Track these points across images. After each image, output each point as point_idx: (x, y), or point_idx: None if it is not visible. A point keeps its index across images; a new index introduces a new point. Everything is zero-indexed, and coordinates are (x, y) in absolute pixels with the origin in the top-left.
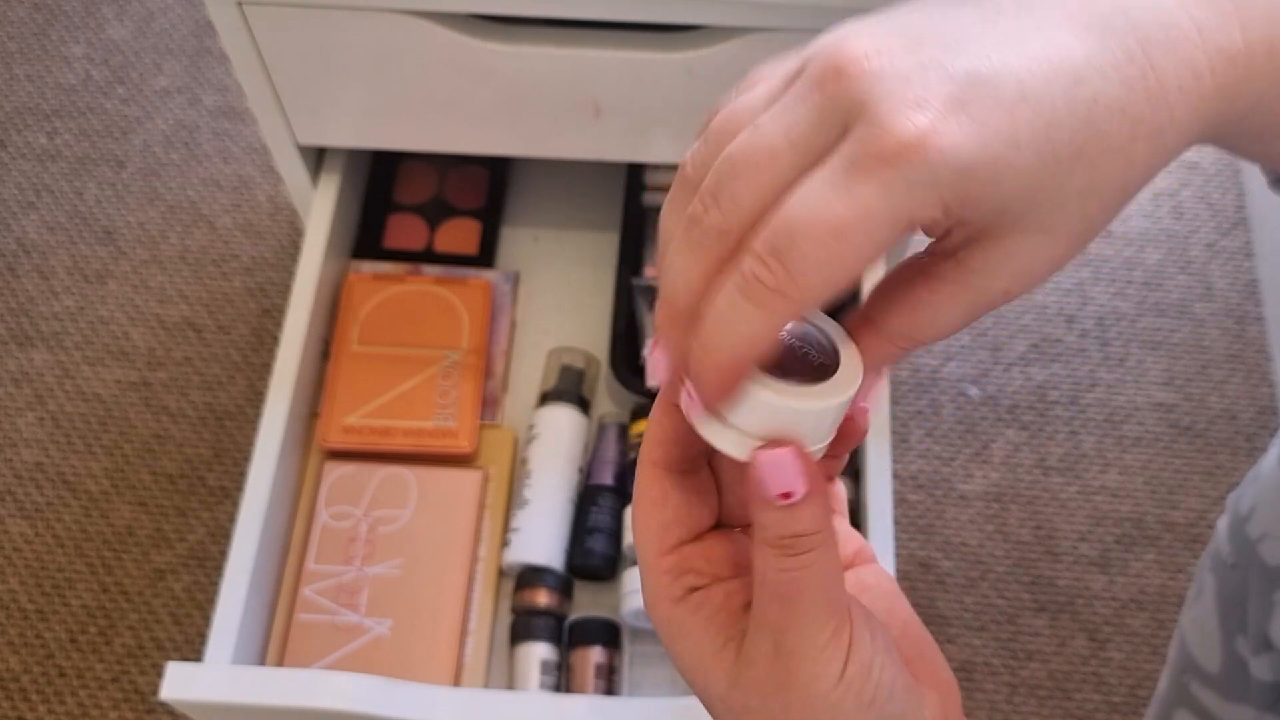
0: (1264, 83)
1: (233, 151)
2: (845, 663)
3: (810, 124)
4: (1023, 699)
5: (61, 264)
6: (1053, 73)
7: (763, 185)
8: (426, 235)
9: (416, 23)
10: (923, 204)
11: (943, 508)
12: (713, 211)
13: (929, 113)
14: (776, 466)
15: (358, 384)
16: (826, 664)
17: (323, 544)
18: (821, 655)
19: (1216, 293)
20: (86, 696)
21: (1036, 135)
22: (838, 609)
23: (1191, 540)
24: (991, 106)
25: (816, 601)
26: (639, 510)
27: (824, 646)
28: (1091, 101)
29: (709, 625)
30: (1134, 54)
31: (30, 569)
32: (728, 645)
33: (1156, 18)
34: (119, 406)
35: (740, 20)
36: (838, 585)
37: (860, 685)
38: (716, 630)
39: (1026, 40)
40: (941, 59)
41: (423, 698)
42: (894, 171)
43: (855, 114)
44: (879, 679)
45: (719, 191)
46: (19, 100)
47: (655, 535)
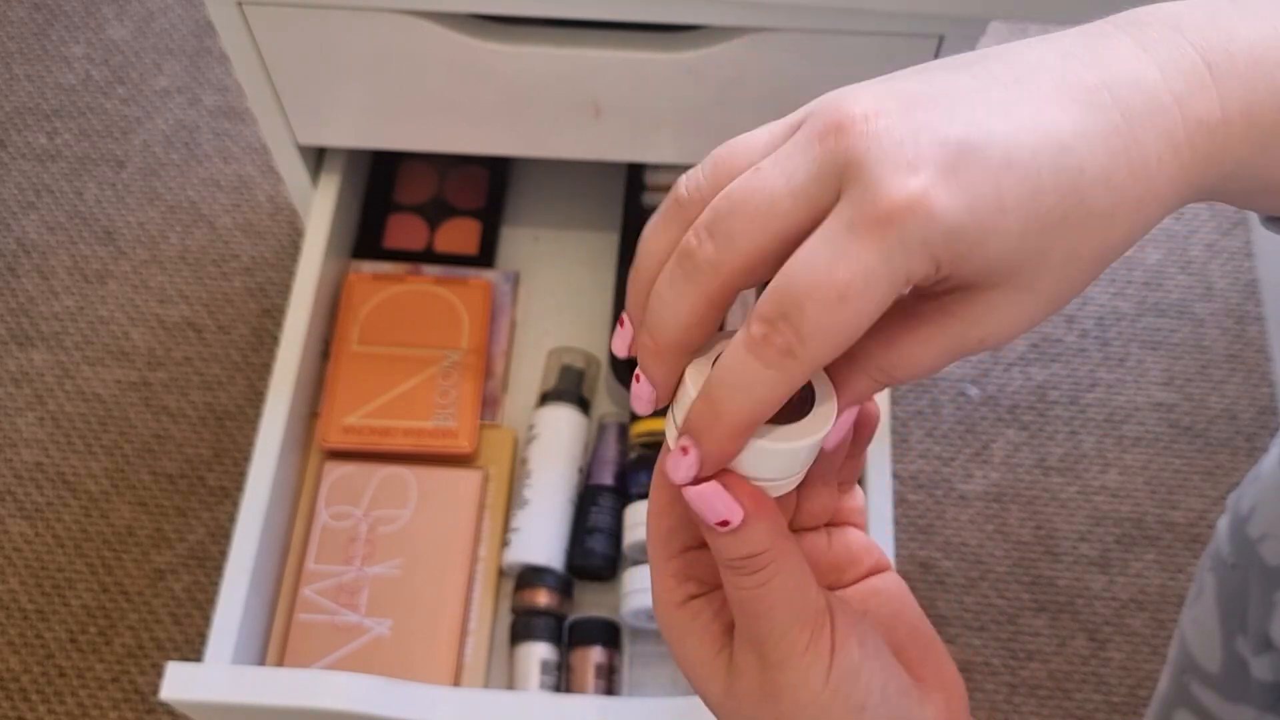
0: (1243, 149)
1: (233, 151)
2: (829, 668)
3: (809, 175)
4: (1023, 699)
5: (61, 264)
6: (1040, 142)
7: (758, 228)
8: (426, 235)
9: (416, 23)
10: (918, 262)
11: (943, 508)
12: (706, 246)
13: (921, 176)
14: (703, 499)
15: (358, 384)
16: (808, 670)
17: (323, 544)
18: (803, 662)
19: (1216, 292)
20: (86, 696)
21: (1022, 201)
22: (810, 617)
23: (1191, 540)
24: (980, 172)
25: (785, 614)
26: (649, 514)
27: (803, 652)
28: (1077, 171)
29: (705, 633)
30: (1119, 127)
31: (30, 569)
32: (721, 653)
33: (1140, 92)
34: (119, 406)
35: (740, 20)
36: (804, 595)
37: (848, 689)
38: (711, 638)
39: (1017, 109)
40: (935, 124)
41: (423, 698)
42: (889, 233)
43: (851, 172)
44: (868, 683)
45: (715, 228)
46: (19, 100)
47: (662, 540)
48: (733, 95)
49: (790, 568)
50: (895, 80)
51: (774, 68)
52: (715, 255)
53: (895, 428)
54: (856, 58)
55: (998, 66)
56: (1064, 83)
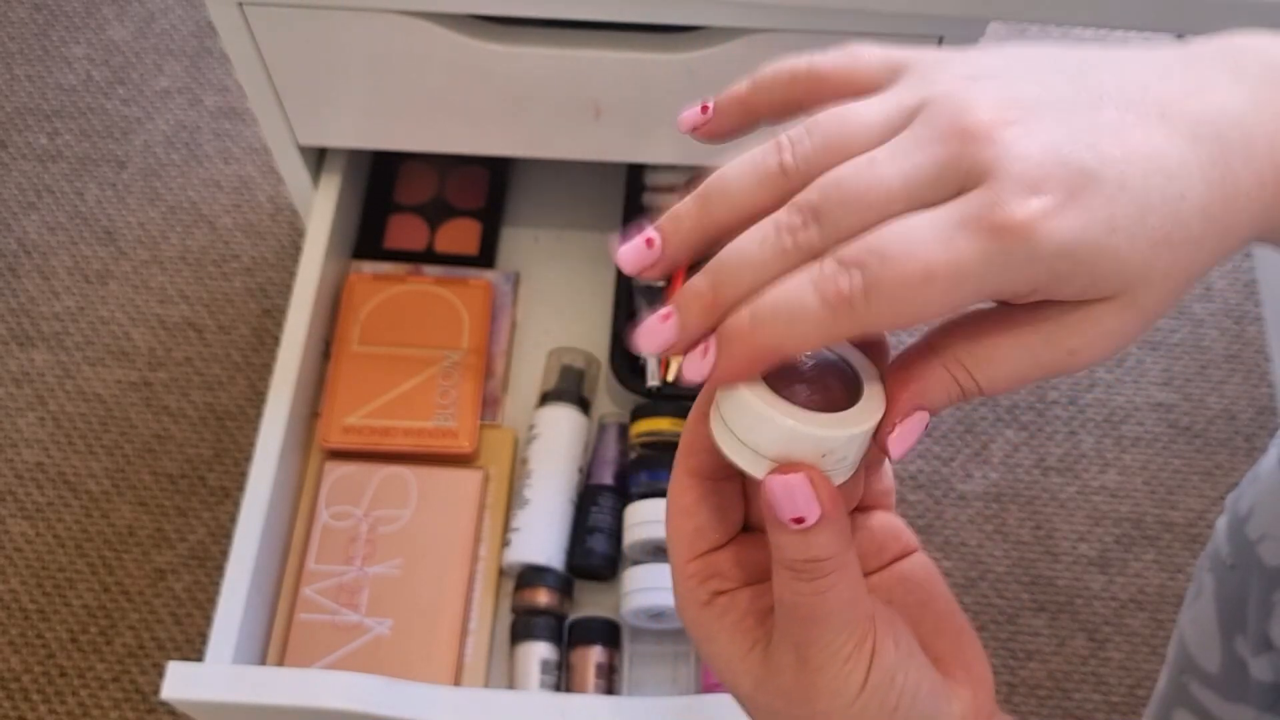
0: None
1: (233, 152)
2: (868, 673)
3: (929, 177)
4: (1022, 698)
5: (62, 264)
6: (1150, 168)
7: (869, 225)
8: (427, 235)
9: (417, 24)
10: (1014, 280)
11: (942, 508)
12: (811, 229)
13: (1045, 199)
14: (787, 491)
15: (358, 384)
16: (849, 676)
17: (323, 544)
18: (844, 668)
19: (1215, 292)
20: (87, 696)
21: (1131, 222)
22: (859, 624)
23: (1190, 540)
24: (1097, 197)
25: (836, 621)
26: (670, 516)
27: (846, 659)
28: (1179, 198)
29: (735, 630)
30: (1217, 159)
31: (31, 569)
32: (754, 648)
33: (1238, 128)
34: (120, 407)
35: (740, 21)
36: (857, 604)
37: (884, 693)
38: (743, 635)
39: (1129, 134)
40: (1059, 142)
41: (423, 697)
42: (999, 244)
43: (976, 179)
44: (902, 685)
45: (823, 215)
46: (20, 101)
47: (685, 541)
48: None
49: (851, 576)
50: (1012, 80)
51: None
52: (819, 242)
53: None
54: None
55: (1108, 79)
56: (1170, 110)
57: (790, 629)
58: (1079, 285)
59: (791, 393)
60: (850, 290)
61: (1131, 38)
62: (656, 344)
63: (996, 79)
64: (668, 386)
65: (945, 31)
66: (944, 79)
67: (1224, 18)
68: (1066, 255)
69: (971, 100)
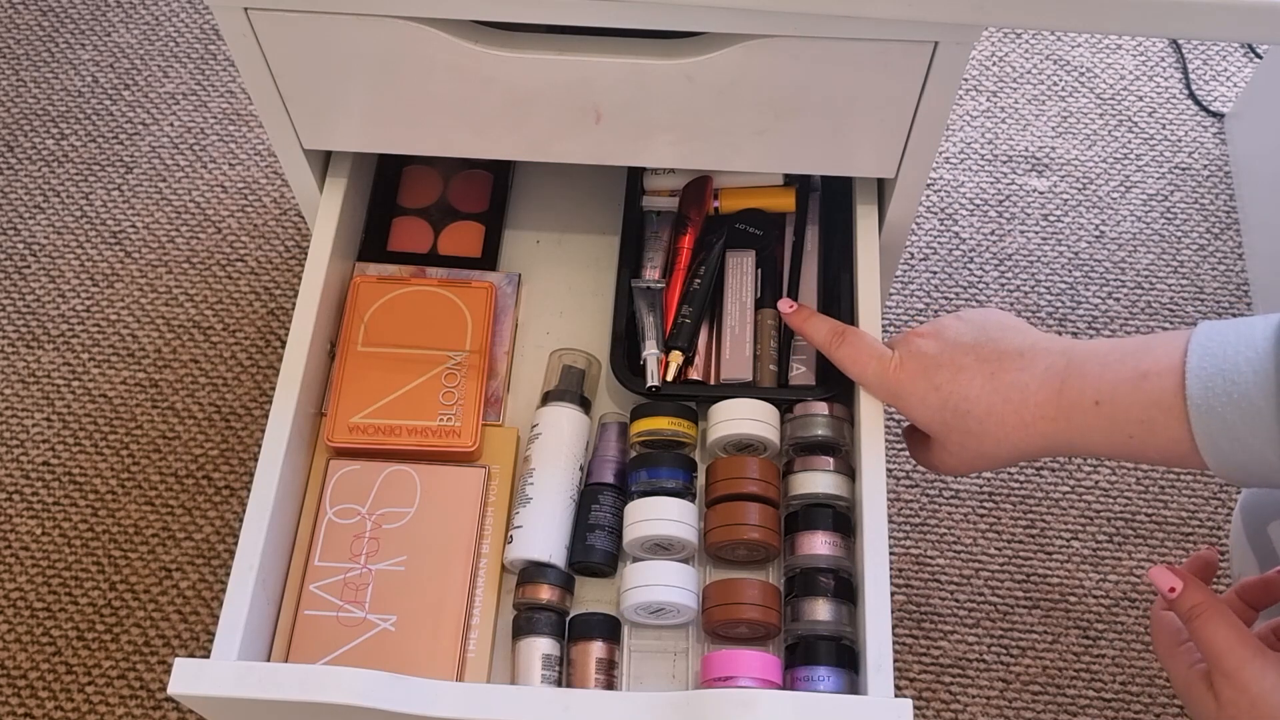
0: (1065, 435)
1: (239, 156)
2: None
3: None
4: (1016, 693)
5: (70, 266)
6: (958, 392)
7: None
8: (430, 238)
9: (420, 29)
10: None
11: (937, 505)
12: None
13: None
14: (1158, 576)
15: (363, 384)
16: (1262, 676)
17: (328, 541)
18: (1254, 666)
19: (1208, 294)
20: (94, 692)
21: (934, 408)
22: (1246, 638)
23: (1183, 538)
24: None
25: (1225, 637)
26: (1163, 642)
27: (1251, 660)
28: (968, 402)
29: (1199, 679)
30: (1002, 401)
31: (39, 567)
32: (1209, 690)
33: (1023, 393)
34: (127, 406)
35: (739, 28)
36: (1236, 626)
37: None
38: (1199, 676)
39: (971, 382)
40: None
41: (427, 692)
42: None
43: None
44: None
45: None
46: (27, 104)
47: (1171, 639)
48: (732, 100)
49: (1218, 612)
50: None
51: (772, 73)
52: None
53: (890, 427)
54: (853, 64)
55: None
56: (997, 380)
57: (1208, 659)
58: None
59: None
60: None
61: (1124, 44)
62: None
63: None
64: (667, 386)
65: (940, 38)
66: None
67: (1217, 22)
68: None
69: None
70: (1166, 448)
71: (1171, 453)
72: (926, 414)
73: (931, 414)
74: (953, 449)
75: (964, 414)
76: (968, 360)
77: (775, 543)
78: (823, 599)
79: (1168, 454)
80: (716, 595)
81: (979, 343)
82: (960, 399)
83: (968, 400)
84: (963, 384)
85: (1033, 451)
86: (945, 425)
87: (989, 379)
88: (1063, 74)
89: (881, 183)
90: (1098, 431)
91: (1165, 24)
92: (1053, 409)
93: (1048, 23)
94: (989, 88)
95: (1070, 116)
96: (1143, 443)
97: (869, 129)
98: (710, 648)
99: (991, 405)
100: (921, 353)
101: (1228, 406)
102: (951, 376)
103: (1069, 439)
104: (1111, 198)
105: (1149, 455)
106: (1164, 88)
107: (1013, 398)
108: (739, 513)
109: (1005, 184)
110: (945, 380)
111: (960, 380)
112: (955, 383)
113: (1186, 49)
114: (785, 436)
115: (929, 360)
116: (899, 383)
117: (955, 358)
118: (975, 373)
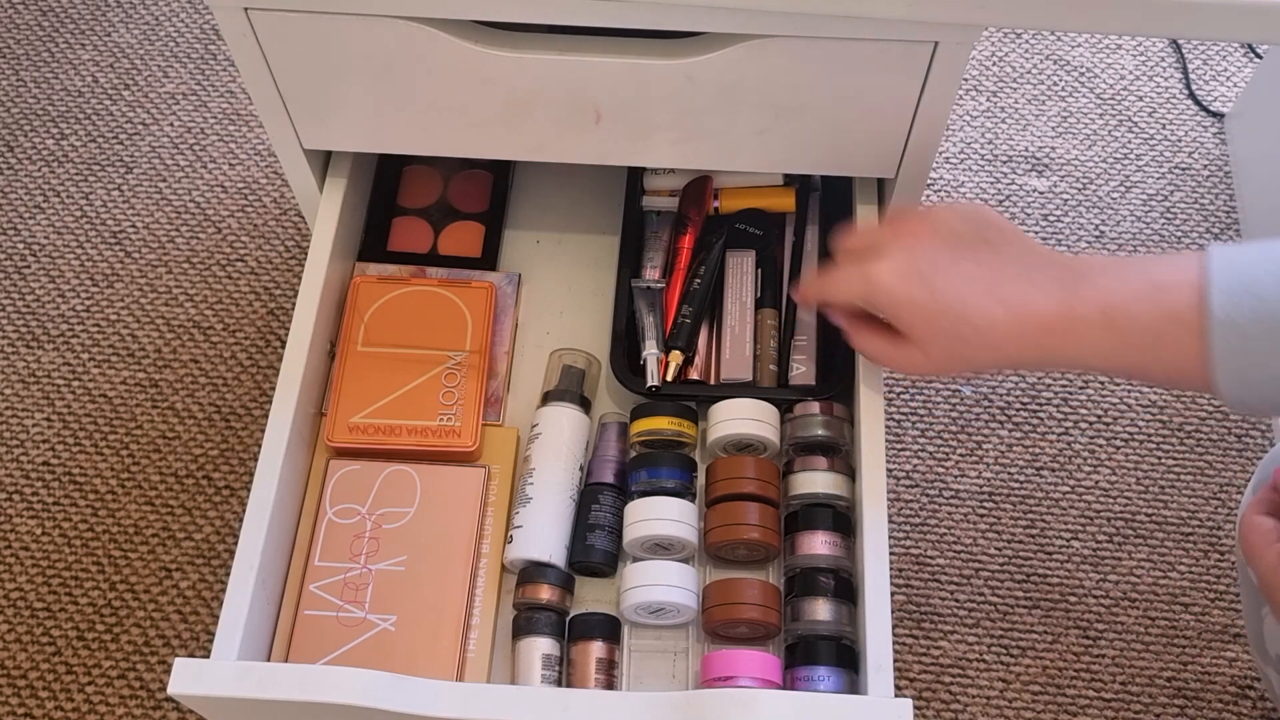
0: (1073, 347)
1: (239, 156)
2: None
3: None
4: (1016, 693)
5: (70, 266)
6: (960, 294)
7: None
8: (430, 238)
9: (420, 29)
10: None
11: (937, 505)
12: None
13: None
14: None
15: (363, 384)
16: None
17: (328, 541)
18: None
19: None
20: (94, 692)
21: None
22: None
23: (1183, 538)
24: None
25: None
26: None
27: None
28: (962, 303)
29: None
30: (994, 302)
31: (39, 567)
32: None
33: (1026, 302)
34: (127, 406)
35: (739, 28)
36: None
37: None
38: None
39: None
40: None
41: (427, 691)
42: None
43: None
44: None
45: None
46: (27, 104)
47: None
48: (731, 100)
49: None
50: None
51: (772, 73)
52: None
53: (890, 427)
54: (853, 64)
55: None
56: (995, 287)
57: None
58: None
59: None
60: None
61: (1124, 44)
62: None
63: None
64: (667, 386)
65: (941, 38)
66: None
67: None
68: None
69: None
70: (1174, 365)
71: (1176, 371)
72: (919, 317)
73: (924, 317)
74: (935, 352)
75: (959, 319)
76: (967, 261)
77: (775, 543)
78: (823, 599)
79: (1172, 372)
80: (716, 595)
81: (977, 245)
82: (957, 303)
83: (965, 305)
84: (961, 288)
85: (1026, 362)
86: (936, 329)
87: (991, 285)
88: (1063, 74)
89: (881, 183)
90: (1103, 345)
91: (1165, 24)
92: (1057, 321)
93: (1048, 23)
94: (989, 88)
95: (1070, 116)
96: (1149, 359)
97: (869, 129)
98: (710, 648)
99: (990, 313)
100: (915, 252)
101: (1252, 322)
102: (949, 278)
103: (1069, 353)
104: (1111, 198)
105: (1152, 374)
106: (1164, 88)
107: (1017, 307)
108: (739, 513)
109: (1005, 184)
110: (942, 281)
111: (959, 283)
112: (953, 285)
113: (1186, 49)
114: (785, 436)
115: (925, 262)
116: (891, 285)
117: (954, 256)
118: (976, 276)
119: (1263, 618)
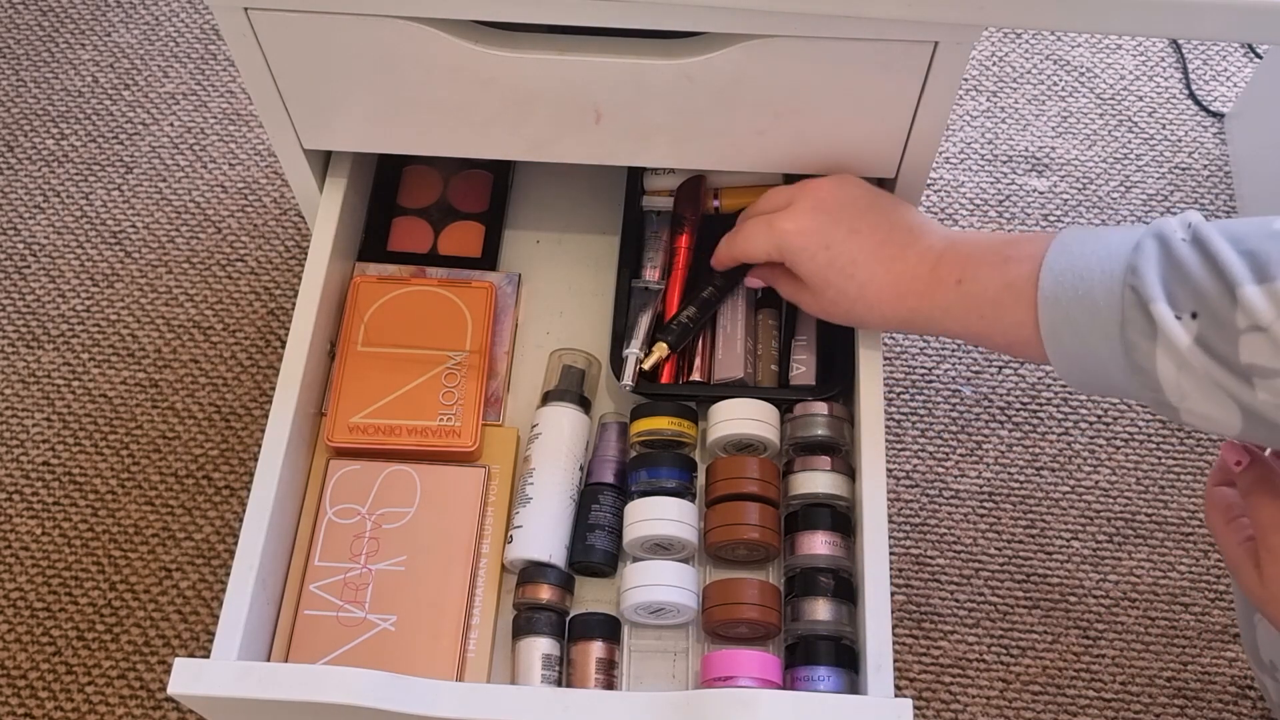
0: (934, 312)
1: (239, 156)
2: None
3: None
4: (1016, 693)
5: (70, 266)
6: (853, 255)
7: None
8: (430, 238)
9: (420, 29)
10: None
11: (937, 505)
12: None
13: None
14: (1228, 450)
15: (363, 384)
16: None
17: (328, 541)
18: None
19: None
20: (94, 692)
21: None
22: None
23: (1183, 538)
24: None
25: (1273, 518)
26: (1214, 506)
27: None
28: (852, 263)
29: (1247, 554)
30: (886, 266)
31: (39, 567)
32: (1256, 565)
33: (913, 264)
34: (127, 406)
35: (739, 28)
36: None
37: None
38: (1246, 553)
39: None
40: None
41: (427, 692)
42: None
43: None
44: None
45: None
46: (27, 104)
47: (1222, 514)
48: (731, 100)
49: (1274, 487)
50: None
51: (772, 73)
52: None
53: (890, 427)
54: (853, 64)
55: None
56: (880, 248)
57: (1258, 535)
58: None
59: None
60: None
61: (1124, 44)
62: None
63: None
64: (652, 385)
65: (941, 38)
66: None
67: (1217, 22)
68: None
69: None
70: (1011, 331)
71: (1015, 337)
72: (815, 270)
73: (818, 270)
74: (825, 303)
75: (848, 275)
76: (862, 225)
77: (775, 542)
78: (823, 599)
79: (1012, 338)
80: (716, 595)
81: (873, 209)
82: (848, 261)
83: (854, 264)
84: (852, 247)
85: (897, 323)
86: (827, 282)
87: (877, 247)
88: (1063, 74)
89: (881, 182)
90: (955, 308)
91: (1165, 24)
92: (922, 284)
93: (1048, 23)
94: (989, 88)
95: (1070, 116)
96: (991, 323)
97: (869, 129)
98: (710, 648)
99: (874, 272)
100: (818, 212)
101: (1072, 302)
102: (844, 237)
103: (929, 316)
104: (1111, 198)
105: (995, 339)
106: (1164, 88)
107: (894, 268)
108: (739, 513)
109: (1005, 184)
110: (838, 240)
111: (851, 242)
112: (846, 244)
113: (1186, 49)
114: (785, 436)
115: (825, 217)
116: (793, 240)
117: (851, 219)
118: (866, 238)
119: (1255, 624)
